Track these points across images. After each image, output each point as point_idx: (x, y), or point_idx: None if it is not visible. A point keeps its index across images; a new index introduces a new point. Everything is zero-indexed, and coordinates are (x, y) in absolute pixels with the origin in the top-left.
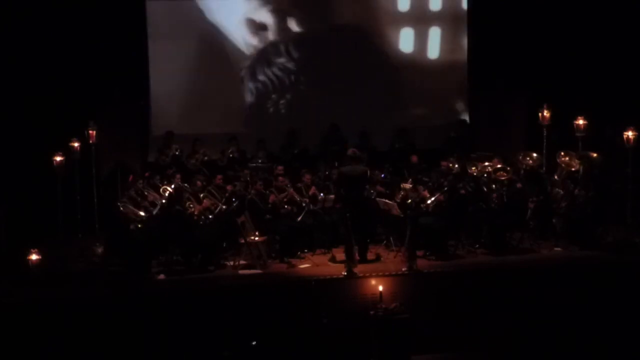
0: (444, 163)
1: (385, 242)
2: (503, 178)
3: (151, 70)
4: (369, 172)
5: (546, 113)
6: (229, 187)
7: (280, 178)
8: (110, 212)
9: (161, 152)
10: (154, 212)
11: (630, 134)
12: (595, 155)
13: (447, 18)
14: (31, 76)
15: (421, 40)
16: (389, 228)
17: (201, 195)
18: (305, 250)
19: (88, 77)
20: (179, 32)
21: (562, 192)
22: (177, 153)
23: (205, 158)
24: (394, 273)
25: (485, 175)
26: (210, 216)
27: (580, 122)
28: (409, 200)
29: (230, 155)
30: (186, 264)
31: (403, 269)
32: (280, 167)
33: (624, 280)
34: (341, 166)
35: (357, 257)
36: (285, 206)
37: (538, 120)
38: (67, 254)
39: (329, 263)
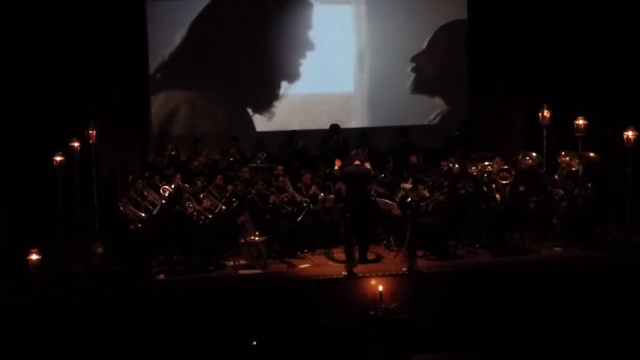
0: (444, 163)
1: (385, 242)
2: (505, 182)
3: (151, 70)
4: (372, 172)
5: (546, 113)
6: (229, 187)
7: (281, 178)
8: (110, 212)
9: (157, 153)
10: (154, 212)
11: (630, 134)
12: (592, 155)
13: (447, 19)
14: (31, 76)
15: (422, 41)
16: (389, 228)
17: (201, 195)
18: (305, 250)
19: (88, 77)
20: (178, 32)
21: (562, 192)
22: (172, 153)
23: (209, 161)
24: (394, 273)
25: (485, 175)
26: (210, 216)
27: (580, 122)
28: (409, 199)
29: (231, 159)
30: (186, 264)
31: (403, 269)
32: (280, 167)
33: (624, 280)
34: (344, 166)
35: (357, 257)
36: (286, 206)
37: (538, 120)
38: (67, 254)
39: (331, 263)
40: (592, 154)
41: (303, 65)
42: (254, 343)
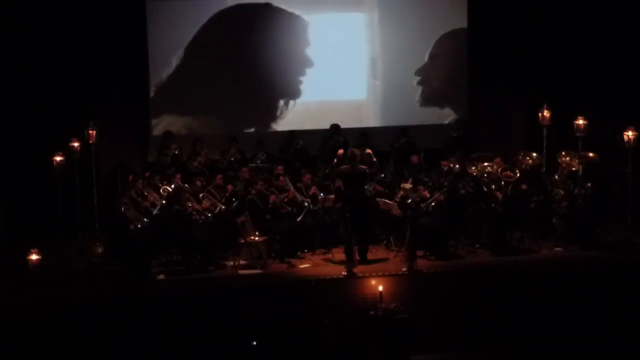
0: (444, 163)
1: (385, 242)
2: (511, 180)
3: (151, 70)
4: (368, 171)
5: (546, 113)
6: (229, 187)
7: (281, 178)
8: (110, 212)
9: (161, 152)
10: (154, 212)
11: (630, 134)
12: (592, 155)
13: (447, 18)
14: (31, 76)
15: (425, 51)
16: (389, 228)
17: (200, 195)
18: (305, 250)
19: (88, 77)
20: (179, 31)
21: (562, 192)
22: (176, 152)
23: (208, 161)
24: (394, 273)
25: (485, 175)
26: (210, 216)
27: (580, 122)
28: (409, 200)
29: (232, 159)
30: (186, 264)
31: (403, 269)
32: (280, 167)
33: (624, 280)
34: (341, 165)
35: (357, 257)
36: (286, 206)
37: (538, 120)
38: (67, 254)
39: (329, 263)
40: (592, 154)
41: (304, 82)
42: (254, 343)
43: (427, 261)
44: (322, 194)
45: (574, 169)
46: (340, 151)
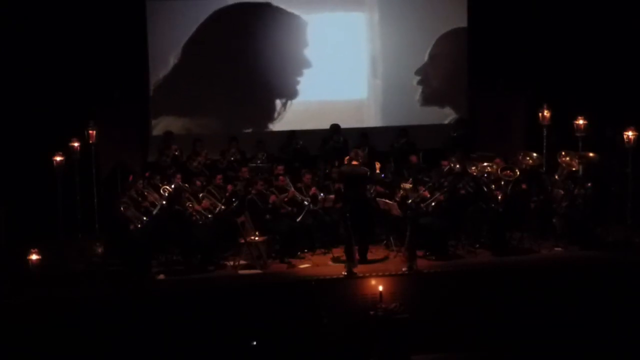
0: (444, 163)
1: (385, 242)
2: (511, 180)
3: (151, 70)
4: (369, 172)
5: (546, 113)
6: (229, 187)
7: (281, 178)
8: (110, 212)
9: (161, 152)
10: (154, 212)
11: (630, 134)
12: (592, 155)
13: (447, 18)
14: (31, 76)
15: (421, 40)
16: (389, 228)
17: (200, 195)
18: (305, 250)
19: (88, 77)
20: (179, 31)
21: (562, 192)
22: (176, 153)
23: (208, 161)
24: (394, 273)
25: (485, 175)
26: (210, 216)
27: (580, 122)
28: (409, 201)
29: (232, 158)
30: (186, 264)
31: (403, 269)
32: (280, 167)
33: (624, 280)
34: (341, 166)
35: (357, 257)
36: (286, 206)
37: (538, 120)
38: (67, 254)
39: (330, 263)
40: (592, 154)
41: (304, 82)
42: (254, 343)
43: (427, 261)
44: (322, 194)
45: (574, 169)
46: (347, 158)
